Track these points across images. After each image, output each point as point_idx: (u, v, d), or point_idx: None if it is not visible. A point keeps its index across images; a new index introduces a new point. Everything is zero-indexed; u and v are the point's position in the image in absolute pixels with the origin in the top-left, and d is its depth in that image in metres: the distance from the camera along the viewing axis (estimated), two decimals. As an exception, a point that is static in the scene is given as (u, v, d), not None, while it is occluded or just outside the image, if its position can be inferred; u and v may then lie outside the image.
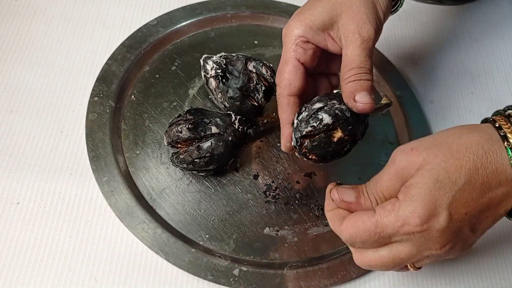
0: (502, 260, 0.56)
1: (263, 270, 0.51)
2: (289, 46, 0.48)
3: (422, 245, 0.39)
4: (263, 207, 0.55)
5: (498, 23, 0.75)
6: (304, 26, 0.47)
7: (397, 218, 0.38)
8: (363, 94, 0.45)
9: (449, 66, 0.70)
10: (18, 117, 0.57)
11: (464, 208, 0.38)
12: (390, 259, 0.40)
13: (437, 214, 0.38)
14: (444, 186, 0.38)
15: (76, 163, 0.55)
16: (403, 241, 0.39)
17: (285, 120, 0.49)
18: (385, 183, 0.41)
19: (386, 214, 0.39)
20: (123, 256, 0.51)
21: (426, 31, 0.73)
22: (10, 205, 0.52)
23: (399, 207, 0.39)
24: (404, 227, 0.38)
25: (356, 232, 0.40)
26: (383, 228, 0.39)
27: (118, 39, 0.64)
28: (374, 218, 0.39)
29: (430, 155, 0.39)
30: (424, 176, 0.38)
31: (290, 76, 0.48)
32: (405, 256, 0.40)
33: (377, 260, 0.41)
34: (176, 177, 0.55)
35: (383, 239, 0.40)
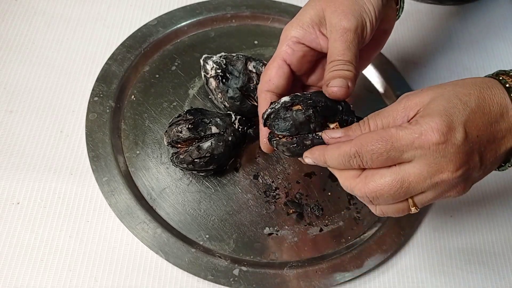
0: (502, 260, 0.56)
1: (263, 270, 0.51)
2: (280, 46, 0.48)
3: (436, 165, 0.38)
4: (263, 207, 0.55)
5: (498, 23, 0.75)
6: (295, 26, 0.47)
7: (414, 130, 0.38)
8: (338, 80, 0.44)
9: (449, 66, 0.70)
10: (18, 117, 0.57)
11: (476, 130, 0.39)
12: (398, 182, 0.39)
13: (455, 128, 0.38)
14: (457, 106, 0.39)
15: (76, 163, 0.55)
16: (415, 159, 0.38)
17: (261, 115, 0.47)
18: (388, 114, 0.41)
19: (402, 128, 0.39)
20: (123, 256, 0.51)
21: (426, 31, 0.73)
22: (10, 205, 0.52)
23: (416, 123, 0.38)
24: (420, 138, 0.38)
25: (368, 139, 0.39)
26: (398, 138, 0.38)
27: (118, 39, 0.64)
28: (390, 130, 0.39)
29: (439, 89, 0.40)
30: (436, 100, 0.39)
31: (271, 72, 0.48)
32: (414, 179, 0.39)
33: (383, 185, 0.39)
34: (176, 177, 0.55)
35: (395, 152, 0.38)
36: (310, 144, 0.43)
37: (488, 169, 0.41)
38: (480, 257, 0.56)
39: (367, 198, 0.41)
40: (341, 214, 0.56)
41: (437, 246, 0.56)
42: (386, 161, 0.39)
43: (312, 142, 0.43)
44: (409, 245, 0.56)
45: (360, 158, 0.40)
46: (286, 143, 0.44)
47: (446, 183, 0.39)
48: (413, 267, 0.54)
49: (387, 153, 0.39)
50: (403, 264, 0.54)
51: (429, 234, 0.57)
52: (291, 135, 0.44)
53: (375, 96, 0.65)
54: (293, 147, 0.44)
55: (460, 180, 0.39)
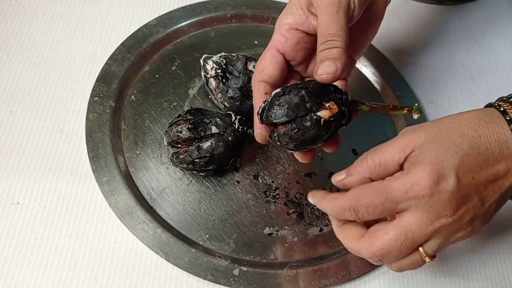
0: (502, 260, 0.56)
1: (263, 270, 0.51)
2: (274, 35, 0.48)
3: (433, 211, 0.38)
4: (263, 207, 0.55)
5: (498, 23, 0.75)
6: (285, 13, 0.47)
7: (406, 180, 0.38)
8: (325, 64, 0.43)
9: (449, 66, 0.70)
10: (18, 117, 0.57)
11: (471, 173, 0.39)
12: (402, 234, 0.39)
13: (446, 176, 0.38)
14: (450, 150, 0.39)
15: (76, 163, 0.55)
16: (411, 208, 0.39)
17: (256, 108, 0.47)
18: (385, 150, 0.41)
19: (395, 179, 0.39)
20: (123, 256, 0.51)
21: (426, 31, 0.73)
22: (10, 205, 0.52)
23: (408, 172, 0.39)
24: (413, 189, 0.38)
25: (363, 194, 0.40)
26: (391, 190, 0.39)
27: (118, 39, 0.64)
28: (383, 182, 0.39)
29: (434, 128, 0.41)
30: (429, 143, 0.39)
31: (265, 62, 0.47)
32: (416, 228, 0.39)
33: (388, 240, 0.40)
34: (176, 177, 0.55)
35: (390, 204, 0.39)
36: (310, 125, 0.43)
37: (497, 206, 0.41)
38: (480, 257, 0.56)
39: (376, 256, 0.41)
40: (341, 214, 0.56)
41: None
42: (382, 212, 0.40)
43: (311, 122, 0.43)
44: (409, 245, 0.56)
45: (355, 211, 0.41)
46: (286, 131, 0.43)
47: (448, 227, 0.39)
48: (413, 267, 0.54)
49: (382, 206, 0.39)
50: (403, 264, 0.54)
51: (429, 234, 0.57)
52: (289, 120, 0.43)
53: (375, 95, 0.65)
54: (295, 133, 0.43)
55: (463, 223, 0.39)
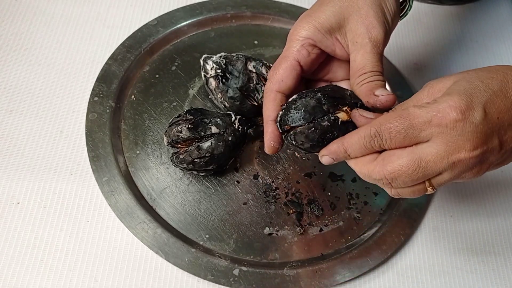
0: (502, 260, 0.56)
1: (263, 270, 0.51)
2: (293, 45, 0.47)
3: (453, 143, 0.38)
4: (263, 207, 0.55)
5: (498, 24, 0.75)
6: (313, 29, 0.46)
7: (431, 108, 0.38)
8: (382, 89, 0.44)
9: (449, 66, 0.70)
10: (18, 117, 0.57)
11: (497, 112, 0.38)
12: (415, 162, 0.39)
13: (473, 107, 0.38)
14: (479, 87, 0.39)
15: (76, 163, 0.55)
16: (432, 137, 0.38)
17: (268, 117, 0.47)
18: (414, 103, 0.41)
19: (420, 106, 0.39)
20: (123, 256, 0.51)
21: (426, 31, 0.73)
22: (10, 205, 0.52)
23: (434, 101, 0.39)
24: (437, 116, 0.38)
25: (387, 119, 0.39)
26: (415, 116, 0.38)
27: (118, 39, 0.64)
28: (408, 109, 0.39)
29: (462, 73, 0.41)
30: (458, 82, 0.39)
31: (285, 73, 0.46)
32: (432, 159, 0.39)
33: (400, 165, 0.39)
34: (176, 177, 0.55)
35: (413, 131, 0.39)
36: (327, 125, 0.43)
37: (507, 155, 0.41)
38: (480, 257, 0.56)
39: (386, 179, 0.41)
40: (341, 214, 0.56)
41: (437, 246, 0.56)
42: (404, 139, 0.39)
43: (329, 122, 0.43)
44: (409, 245, 0.56)
45: (380, 137, 0.40)
46: (303, 130, 0.43)
47: (463, 163, 0.39)
48: (413, 267, 0.54)
49: (405, 131, 0.39)
50: (403, 264, 0.54)
51: (429, 234, 0.57)
52: (307, 122, 0.43)
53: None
54: (311, 132, 0.43)
55: (476, 161, 0.39)
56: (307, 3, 0.72)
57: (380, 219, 0.56)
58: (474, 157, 0.38)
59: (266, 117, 0.47)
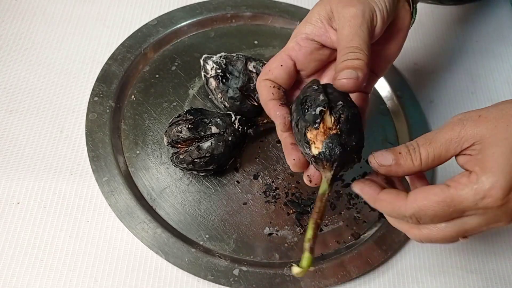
0: (502, 260, 0.56)
1: (263, 270, 0.51)
2: (287, 43, 0.47)
3: (496, 218, 0.38)
4: (263, 207, 0.55)
5: (498, 24, 0.75)
6: (304, 23, 0.47)
7: (476, 191, 0.36)
8: (346, 71, 0.42)
9: (449, 66, 0.70)
10: (18, 117, 0.57)
11: None
12: (454, 232, 0.38)
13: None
14: None
15: (76, 163, 0.55)
16: (476, 215, 0.38)
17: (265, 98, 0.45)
18: (441, 144, 0.39)
19: (463, 187, 0.37)
20: (123, 256, 0.51)
21: (426, 31, 0.73)
22: (10, 205, 0.52)
23: (477, 179, 0.37)
24: (484, 200, 0.36)
25: (427, 204, 0.37)
26: (460, 200, 0.37)
27: (118, 39, 0.64)
28: (450, 191, 0.37)
29: (501, 123, 0.38)
30: (499, 145, 0.37)
31: (272, 64, 0.46)
32: (471, 229, 0.38)
33: (438, 233, 0.39)
34: (176, 177, 0.55)
35: (456, 213, 0.38)
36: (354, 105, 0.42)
37: None
38: (480, 257, 0.56)
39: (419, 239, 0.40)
40: (341, 214, 0.56)
41: (437, 246, 0.56)
42: (449, 218, 0.38)
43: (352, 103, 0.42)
44: (409, 245, 0.56)
45: (416, 219, 0.39)
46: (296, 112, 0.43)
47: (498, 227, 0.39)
48: (413, 267, 0.54)
49: (449, 216, 0.38)
50: (403, 264, 0.54)
51: (429, 234, 0.57)
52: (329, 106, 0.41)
53: (375, 96, 0.65)
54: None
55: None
56: (307, 3, 0.72)
57: (380, 219, 0.56)
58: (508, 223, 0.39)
59: (263, 100, 0.46)
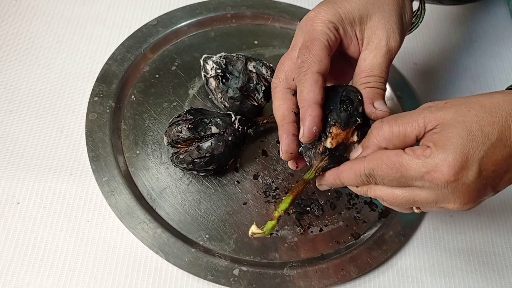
0: (502, 260, 0.56)
1: (263, 270, 0.51)
2: (318, 27, 0.43)
3: (444, 197, 0.38)
4: (263, 207, 0.55)
5: (498, 23, 0.75)
6: (338, 15, 0.44)
7: (425, 163, 0.37)
8: (382, 102, 0.44)
9: (449, 66, 0.70)
10: (18, 117, 0.57)
11: (493, 165, 0.38)
12: (403, 198, 0.40)
13: (468, 167, 0.37)
14: (477, 139, 0.37)
15: (76, 163, 0.55)
16: (424, 188, 0.38)
17: (312, 99, 0.41)
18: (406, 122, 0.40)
19: (414, 157, 0.38)
20: (123, 256, 0.51)
21: (426, 31, 0.73)
22: (10, 205, 0.52)
23: (429, 154, 0.38)
24: (430, 174, 0.37)
25: (380, 164, 0.39)
26: (408, 168, 0.38)
27: (118, 39, 0.64)
28: (402, 157, 0.38)
29: (463, 108, 0.38)
30: (456, 126, 0.38)
31: (322, 53, 0.42)
32: (420, 201, 0.39)
33: (389, 195, 0.40)
34: (176, 177, 0.55)
35: (404, 180, 0.39)
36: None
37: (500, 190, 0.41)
38: (480, 257, 0.56)
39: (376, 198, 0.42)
40: (341, 214, 0.56)
41: (437, 246, 0.56)
42: (397, 184, 0.40)
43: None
44: (409, 245, 0.56)
45: (374, 178, 0.40)
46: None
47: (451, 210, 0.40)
48: (413, 267, 0.54)
49: (397, 180, 0.39)
50: (403, 264, 0.54)
51: (429, 234, 0.57)
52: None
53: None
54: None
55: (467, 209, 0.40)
56: (307, 3, 0.72)
57: (380, 219, 0.56)
58: (464, 209, 0.39)
59: (308, 100, 0.41)
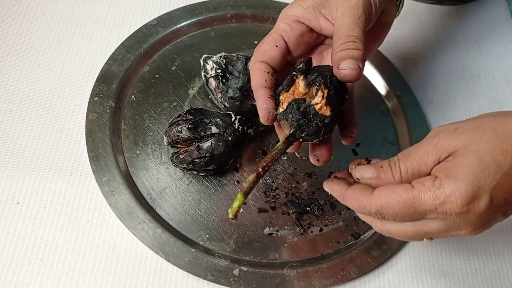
0: (502, 260, 0.56)
1: (263, 270, 0.51)
2: (278, 23, 0.47)
3: (455, 226, 0.38)
4: (263, 207, 0.55)
5: (498, 23, 0.75)
6: (295, 6, 0.47)
7: (437, 195, 0.37)
8: (349, 61, 0.42)
9: (449, 66, 0.70)
10: (18, 117, 0.57)
11: (505, 193, 0.37)
12: (414, 232, 0.40)
13: (480, 197, 0.37)
14: (489, 168, 0.37)
15: (76, 163, 0.55)
16: (436, 219, 0.38)
17: (257, 84, 0.44)
18: (419, 157, 0.40)
19: (425, 190, 0.38)
20: (123, 256, 0.51)
21: (426, 31, 0.73)
22: (10, 205, 0.52)
23: (440, 185, 0.37)
24: (443, 206, 0.37)
25: (390, 203, 0.39)
26: (420, 203, 0.38)
27: (118, 39, 0.64)
28: (412, 192, 0.38)
29: (476, 135, 0.38)
30: (468, 156, 0.37)
31: (267, 46, 0.45)
32: (431, 232, 0.39)
33: (398, 229, 0.40)
34: (176, 177, 0.55)
35: (417, 215, 0.38)
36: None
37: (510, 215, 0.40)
38: (480, 257, 0.56)
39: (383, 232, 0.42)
40: (341, 214, 0.56)
41: (437, 246, 0.56)
42: (409, 219, 0.39)
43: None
44: (409, 245, 0.56)
45: (381, 216, 0.40)
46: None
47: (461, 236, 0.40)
48: (413, 267, 0.54)
49: (409, 216, 0.39)
50: (403, 264, 0.54)
51: (429, 234, 0.57)
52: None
53: (375, 96, 0.65)
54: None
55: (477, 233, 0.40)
56: (307, 3, 0.72)
57: (380, 219, 0.56)
58: (474, 234, 0.39)
59: (254, 85, 0.45)
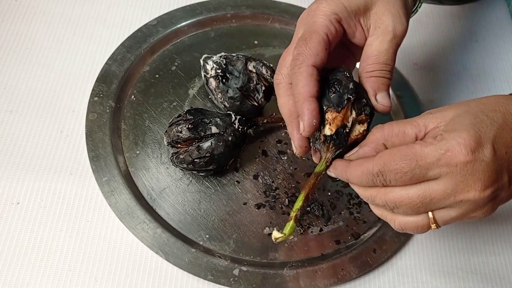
0: (502, 260, 0.56)
1: (263, 270, 0.51)
2: (319, 20, 0.43)
3: (462, 183, 0.36)
4: (263, 207, 0.55)
5: (498, 23, 0.75)
6: (340, 6, 0.43)
7: (439, 146, 0.36)
8: (385, 95, 0.43)
9: (449, 66, 0.70)
10: (18, 117, 0.57)
11: (505, 147, 0.37)
12: (419, 197, 0.37)
13: (483, 145, 0.36)
14: (485, 121, 0.37)
15: (76, 163, 0.55)
16: (441, 176, 0.37)
17: (307, 93, 0.41)
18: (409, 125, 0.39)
19: (427, 144, 0.37)
20: (123, 256, 0.51)
21: (426, 31, 0.73)
22: (10, 205, 0.52)
23: (441, 138, 0.36)
24: (446, 155, 0.36)
25: (390, 159, 0.37)
26: (423, 156, 0.36)
27: (118, 39, 0.64)
28: (414, 148, 0.37)
29: (462, 106, 0.39)
30: (462, 116, 0.37)
31: (319, 46, 0.42)
32: (437, 196, 0.37)
33: (403, 197, 0.38)
34: (176, 177, 0.55)
35: (419, 171, 0.37)
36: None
37: None
38: (480, 257, 0.56)
39: (388, 206, 0.39)
40: (341, 214, 0.56)
41: (437, 246, 0.56)
42: (411, 180, 0.38)
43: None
44: (409, 245, 0.56)
45: (383, 177, 0.38)
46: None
47: (472, 203, 0.37)
48: (413, 267, 0.54)
49: (411, 172, 0.37)
50: (403, 264, 0.54)
51: (429, 234, 0.57)
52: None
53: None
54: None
55: (487, 200, 0.37)
56: (307, 3, 0.71)
57: (380, 219, 0.56)
58: (485, 197, 0.37)
59: (304, 93, 0.41)
